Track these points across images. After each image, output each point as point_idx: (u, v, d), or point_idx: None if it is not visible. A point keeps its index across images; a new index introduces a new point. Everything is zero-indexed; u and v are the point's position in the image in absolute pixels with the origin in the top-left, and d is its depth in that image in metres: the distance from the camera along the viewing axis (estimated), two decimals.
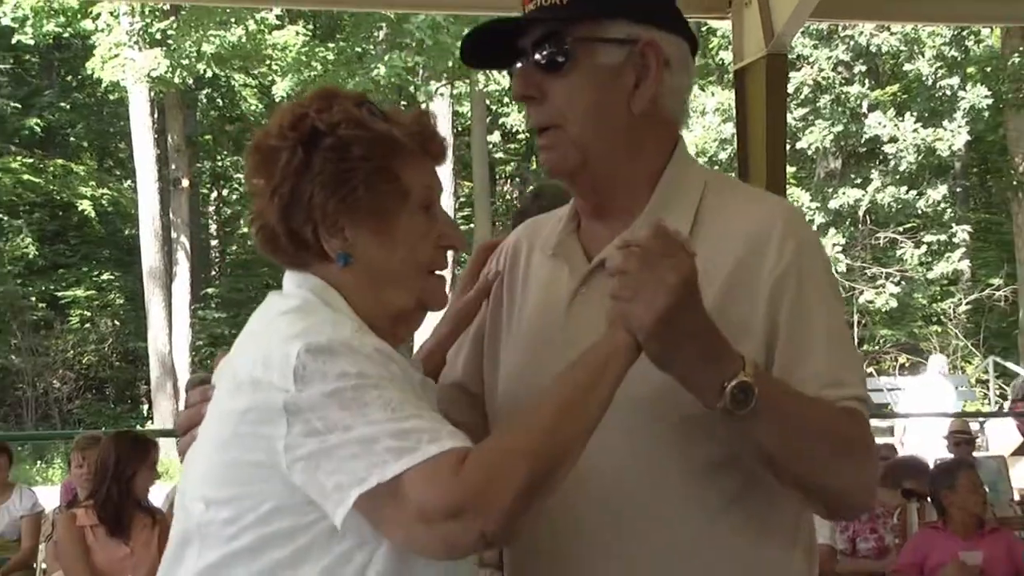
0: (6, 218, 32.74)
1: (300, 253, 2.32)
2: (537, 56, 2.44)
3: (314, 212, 2.28)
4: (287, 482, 2.13)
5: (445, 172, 29.04)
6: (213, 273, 36.17)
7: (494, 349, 2.69)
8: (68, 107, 34.50)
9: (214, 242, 37.83)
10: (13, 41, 27.99)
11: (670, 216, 2.38)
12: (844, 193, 25.77)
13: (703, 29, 29.11)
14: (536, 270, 2.64)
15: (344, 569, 2.16)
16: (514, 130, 36.58)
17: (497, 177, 35.82)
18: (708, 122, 25.31)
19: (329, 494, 2.08)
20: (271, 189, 2.30)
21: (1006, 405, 21.49)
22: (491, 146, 33.20)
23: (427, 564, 2.18)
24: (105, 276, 33.18)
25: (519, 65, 2.49)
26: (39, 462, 24.83)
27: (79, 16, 26.69)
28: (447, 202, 29.19)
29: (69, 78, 33.68)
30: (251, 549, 2.17)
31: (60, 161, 32.34)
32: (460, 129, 30.78)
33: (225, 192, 38.53)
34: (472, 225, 31.03)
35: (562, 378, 2.16)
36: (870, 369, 28.55)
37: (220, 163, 37.43)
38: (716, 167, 25.33)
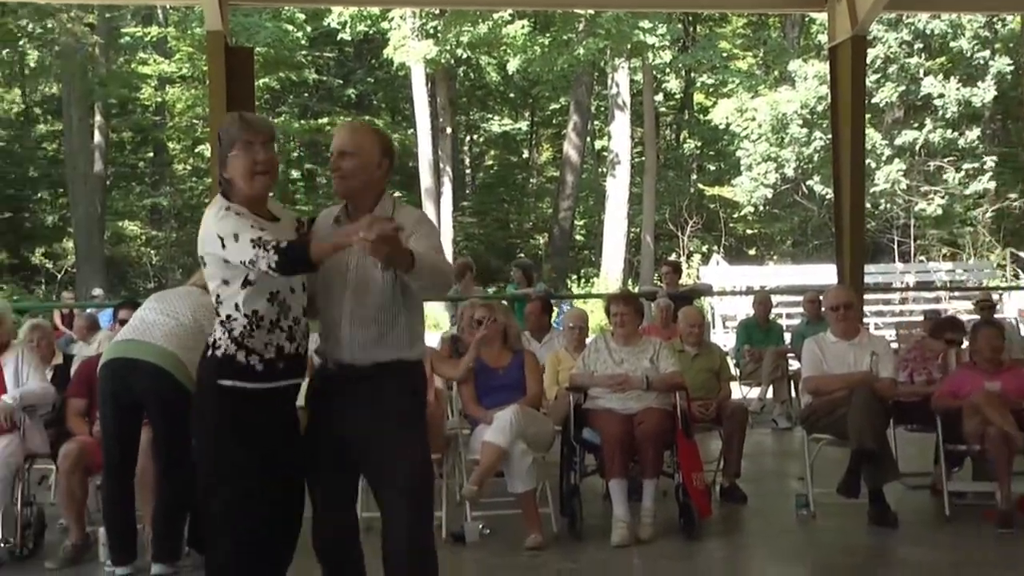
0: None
1: None
2: None
3: None
4: None
5: (624, 120, 28.84)
6: (467, 191, 36.45)
7: None
8: (372, 81, 34.92)
9: (467, 170, 38.09)
10: (337, 38, 28.61)
11: None
12: (905, 134, 25.12)
13: (805, 19, 28.36)
14: None
15: None
16: (672, 92, 36.06)
17: (660, 125, 35.37)
18: (809, 85, 24.70)
19: None
20: None
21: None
22: (656, 103, 32.76)
23: None
24: (396, 193, 33.41)
25: None
26: None
27: (379, 19, 27.03)
28: (625, 144, 28.95)
29: (373, 61, 34.03)
30: None
31: (367, 116, 32.77)
32: (635, 91, 30.39)
33: (475, 136, 38.74)
34: (643, 158, 30.69)
35: None
36: (921, 257, 27.86)
37: (471, 117, 37.61)
38: (813, 116, 24.77)
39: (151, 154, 34.76)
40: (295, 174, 32.35)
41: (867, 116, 17.01)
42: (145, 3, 24.74)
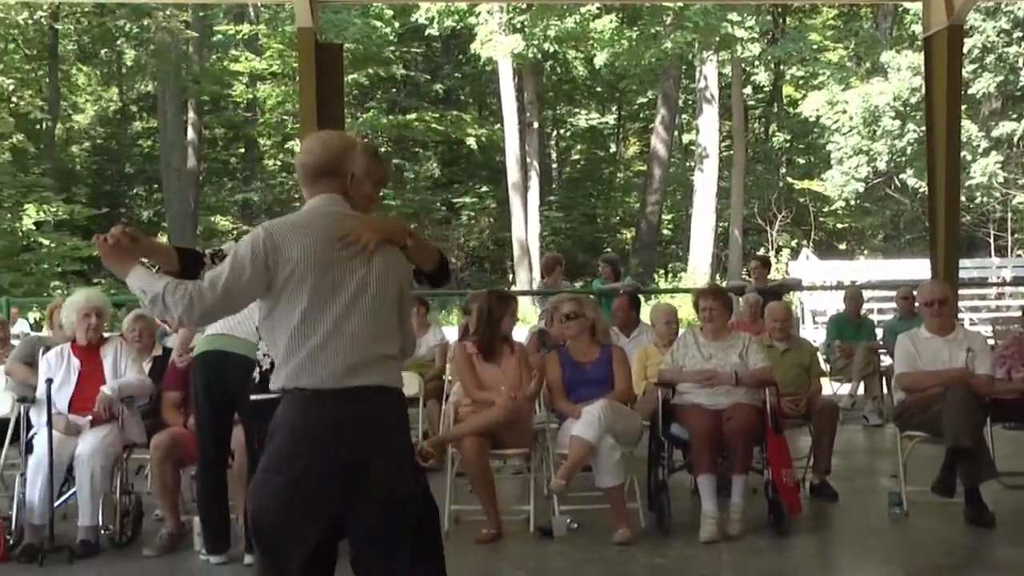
0: (420, 151, 33.76)
1: None
2: None
3: None
4: None
5: (712, 114, 28.61)
6: (554, 186, 36.44)
7: None
8: (459, 76, 35.12)
9: (554, 165, 38.06)
10: (425, 34, 28.80)
11: None
12: (1003, 125, 24.55)
13: (899, 9, 27.86)
14: None
15: None
16: (760, 85, 35.67)
17: (748, 118, 34.99)
18: (902, 76, 24.24)
19: None
20: None
21: None
22: (744, 96, 32.41)
23: None
24: (483, 188, 33.84)
25: None
26: (443, 311, 25.58)
27: (466, 15, 27.15)
28: (713, 138, 28.71)
29: (460, 56, 34.21)
30: None
31: (454, 112, 33.00)
32: (723, 84, 30.13)
33: (562, 131, 38.70)
34: (732, 152, 30.40)
35: None
36: (1019, 251, 27.17)
37: (558, 111, 37.59)
38: (906, 108, 24.29)
39: (242, 150, 35.37)
40: None
41: (963, 107, 16.65)
42: (237, 1, 25.15)
